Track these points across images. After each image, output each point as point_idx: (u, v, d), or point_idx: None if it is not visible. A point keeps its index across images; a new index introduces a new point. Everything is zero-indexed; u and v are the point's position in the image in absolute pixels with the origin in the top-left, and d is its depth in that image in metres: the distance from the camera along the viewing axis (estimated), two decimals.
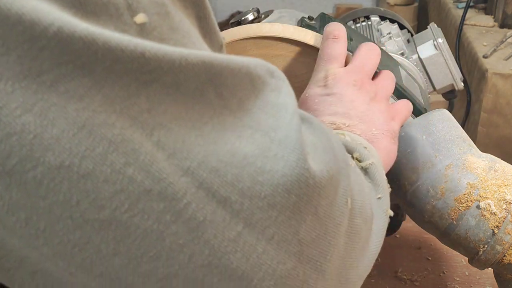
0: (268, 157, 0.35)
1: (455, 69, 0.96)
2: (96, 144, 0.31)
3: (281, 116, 0.37)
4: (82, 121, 0.30)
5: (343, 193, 0.40)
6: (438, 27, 1.00)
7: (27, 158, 0.30)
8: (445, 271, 0.95)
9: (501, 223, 0.70)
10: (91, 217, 0.31)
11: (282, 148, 0.36)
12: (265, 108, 0.37)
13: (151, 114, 0.32)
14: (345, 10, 2.43)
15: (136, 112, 0.32)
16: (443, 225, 0.74)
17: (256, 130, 0.36)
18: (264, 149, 0.35)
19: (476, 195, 0.71)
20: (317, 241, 0.38)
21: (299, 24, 0.81)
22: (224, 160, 0.34)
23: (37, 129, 0.30)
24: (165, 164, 0.32)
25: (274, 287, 0.35)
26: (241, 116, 0.36)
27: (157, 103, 0.32)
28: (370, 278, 0.93)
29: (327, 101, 0.63)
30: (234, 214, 0.34)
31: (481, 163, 0.74)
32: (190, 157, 0.33)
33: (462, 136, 0.77)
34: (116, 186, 0.31)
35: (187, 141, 0.33)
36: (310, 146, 0.39)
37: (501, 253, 0.71)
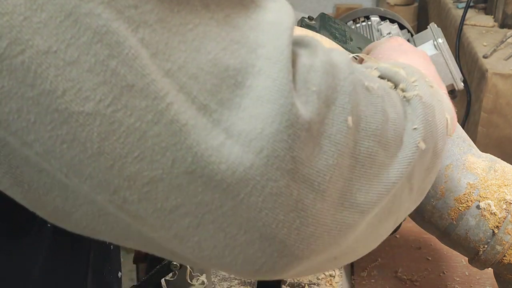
0: (251, 73, 0.35)
1: (455, 69, 0.97)
2: (82, 33, 0.31)
3: (272, 33, 0.36)
4: (69, 9, 0.31)
5: (340, 111, 0.38)
6: (438, 27, 1.00)
7: (16, 40, 0.31)
8: (445, 271, 0.95)
9: (501, 223, 0.70)
10: (76, 110, 0.32)
11: (267, 64, 0.35)
12: (257, 27, 0.36)
13: (137, 11, 0.32)
14: (345, 10, 2.43)
15: (123, 6, 0.32)
16: (443, 225, 0.74)
17: (242, 45, 0.35)
18: (248, 65, 0.35)
19: (476, 195, 0.71)
20: (312, 160, 0.36)
21: (299, 24, 0.81)
22: (205, 68, 0.34)
23: (27, 11, 0.31)
24: (148, 61, 0.32)
25: (263, 203, 0.34)
26: (228, 30, 0.35)
27: (144, 1, 0.32)
28: (370, 278, 0.94)
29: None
30: (215, 123, 0.34)
31: (481, 163, 0.74)
32: (171, 60, 0.33)
33: (462, 136, 0.77)
34: (100, 77, 0.32)
35: (169, 44, 0.33)
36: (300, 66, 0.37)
37: (501, 253, 0.71)
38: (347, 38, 0.82)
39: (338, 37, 0.80)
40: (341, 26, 0.86)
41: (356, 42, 0.83)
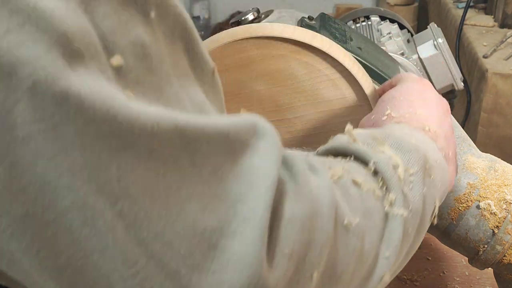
0: (226, 233, 0.35)
1: (455, 69, 0.97)
2: (59, 200, 0.31)
3: (255, 185, 0.36)
4: (47, 180, 0.31)
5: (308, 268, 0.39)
6: (438, 27, 1.00)
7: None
8: (445, 271, 0.95)
9: (501, 223, 0.70)
10: (49, 264, 0.32)
11: (242, 224, 0.35)
12: (241, 176, 0.36)
13: (119, 184, 0.32)
14: (345, 10, 2.43)
15: (105, 181, 0.31)
16: (443, 225, 0.74)
17: (223, 200, 0.35)
18: (225, 223, 0.35)
19: (476, 195, 0.71)
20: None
21: (299, 24, 0.81)
22: (182, 233, 0.34)
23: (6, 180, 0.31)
24: (122, 233, 0.32)
25: None
26: (211, 185, 0.35)
27: (128, 171, 0.32)
28: None
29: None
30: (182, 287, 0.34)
31: (481, 163, 0.74)
32: (148, 229, 0.33)
33: (462, 136, 0.77)
34: (74, 237, 0.32)
35: (149, 213, 0.33)
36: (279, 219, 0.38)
37: (501, 253, 0.71)
38: (347, 38, 0.82)
39: (338, 37, 0.80)
40: (341, 26, 0.86)
41: (356, 42, 0.83)
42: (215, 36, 0.74)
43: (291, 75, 0.74)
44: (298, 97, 0.75)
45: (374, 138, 0.51)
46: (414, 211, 0.49)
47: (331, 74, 0.73)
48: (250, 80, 0.75)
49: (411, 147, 0.51)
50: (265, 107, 0.76)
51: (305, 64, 0.73)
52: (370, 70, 0.77)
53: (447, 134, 0.60)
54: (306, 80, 0.74)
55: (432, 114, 0.60)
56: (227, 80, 0.75)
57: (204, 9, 2.63)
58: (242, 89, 0.75)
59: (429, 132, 0.58)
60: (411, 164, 0.50)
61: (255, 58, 0.73)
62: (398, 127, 0.56)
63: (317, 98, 0.75)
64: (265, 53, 0.73)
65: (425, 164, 0.52)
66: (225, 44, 0.72)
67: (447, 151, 0.59)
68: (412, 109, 0.60)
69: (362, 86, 0.73)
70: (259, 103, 0.76)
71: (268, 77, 0.74)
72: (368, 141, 0.51)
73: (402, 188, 0.48)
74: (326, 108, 0.75)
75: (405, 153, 0.51)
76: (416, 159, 0.51)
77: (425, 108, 0.60)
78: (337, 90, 0.74)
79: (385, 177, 0.48)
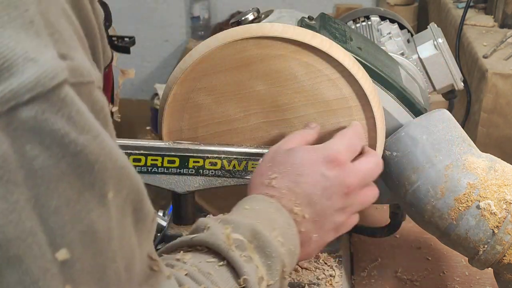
0: None
1: (455, 69, 0.96)
2: None
3: None
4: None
5: None
6: (438, 27, 1.00)
7: None
8: (445, 271, 0.95)
9: (501, 223, 0.70)
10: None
11: None
12: None
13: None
14: (345, 10, 2.43)
15: None
16: (443, 225, 0.74)
17: None
18: None
19: (476, 195, 0.71)
20: None
21: (299, 24, 0.81)
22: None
23: None
24: None
25: None
26: None
27: None
28: (370, 278, 0.94)
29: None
30: None
31: (481, 163, 0.73)
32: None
33: (462, 136, 0.77)
34: None
35: None
36: None
37: (501, 253, 0.71)
38: (347, 38, 0.82)
39: (338, 37, 0.80)
40: (341, 26, 0.86)
41: (356, 42, 0.82)
42: (215, 36, 0.74)
43: (291, 75, 0.74)
44: (298, 97, 0.75)
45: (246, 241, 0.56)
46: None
47: (331, 74, 0.73)
48: (250, 80, 0.75)
49: (274, 252, 0.57)
50: (265, 107, 0.76)
51: (305, 64, 0.73)
52: (370, 70, 0.77)
53: (320, 217, 0.64)
54: (306, 80, 0.74)
55: (310, 194, 0.64)
56: (227, 80, 0.75)
57: (204, 9, 2.63)
58: (242, 89, 0.75)
59: (297, 215, 0.62)
60: (271, 273, 0.56)
61: (255, 58, 0.73)
62: (269, 208, 0.61)
63: (317, 98, 0.75)
64: (265, 53, 0.73)
65: (283, 268, 0.58)
66: (225, 44, 0.72)
67: (310, 235, 0.64)
68: (294, 184, 0.64)
69: (362, 86, 0.73)
70: (259, 103, 0.76)
71: (268, 77, 0.74)
72: (240, 243, 0.55)
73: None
74: (326, 108, 0.75)
75: (268, 258, 0.57)
76: (277, 267, 0.57)
77: (306, 187, 0.64)
78: (337, 90, 0.74)
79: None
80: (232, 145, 0.75)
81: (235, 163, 0.74)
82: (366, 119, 0.75)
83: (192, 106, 0.76)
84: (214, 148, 0.74)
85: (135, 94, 2.86)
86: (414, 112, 0.79)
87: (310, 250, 0.66)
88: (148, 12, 2.74)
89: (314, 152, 0.66)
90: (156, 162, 0.74)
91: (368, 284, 0.92)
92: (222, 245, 0.54)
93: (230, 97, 0.76)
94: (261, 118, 0.76)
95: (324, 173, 0.64)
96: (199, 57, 0.73)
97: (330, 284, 0.84)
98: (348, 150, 0.67)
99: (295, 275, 0.86)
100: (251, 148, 0.74)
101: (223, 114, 0.76)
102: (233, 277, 0.53)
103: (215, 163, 0.74)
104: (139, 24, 2.76)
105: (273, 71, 0.74)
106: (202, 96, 0.76)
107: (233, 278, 0.53)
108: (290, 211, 0.62)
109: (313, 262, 0.88)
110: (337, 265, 0.87)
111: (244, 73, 0.74)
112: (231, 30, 0.73)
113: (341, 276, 0.86)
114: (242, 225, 0.57)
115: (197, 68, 0.74)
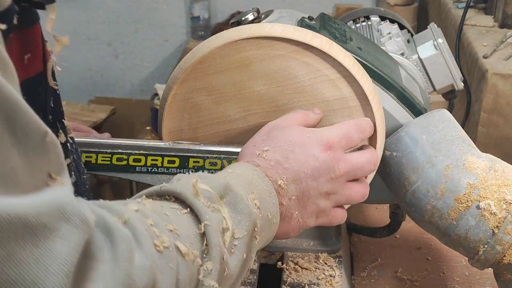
0: None
1: (455, 69, 0.96)
2: None
3: (53, 271, 0.36)
4: None
5: None
6: (438, 27, 1.00)
7: None
8: (445, 271, 0.95)
9: (501, 223, 0.70)
10: None
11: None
12: (40, 260, 0.36)
13: None
14: (345, 10, 2.43)
15: None
16: (443, 225, 0.74)
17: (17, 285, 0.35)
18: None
19: (476, 195, 0.71)
20: None
21: (299, 24, 0.81)
22: None
23: None
24: None
25: None
26: (7, 269, 0.35)
27: None
28: (370, 278, 0.94)
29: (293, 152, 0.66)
30: None
31: (481, 163, 0.73)
32: None
33: (462, 136, 0.77)
34: None
35: None
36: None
37: (501, 253, 0.71)
38: (347, 38, 0.82)
39: (338, 37, 0.80)
40: (341, 26, 0.86)
41: (356, 42, 0.82)
42: (215, 36, 0.74)
43: (291, 75, 0.74)
44: (298, 97, 0.75)
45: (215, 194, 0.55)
46: (229, 276, 0.54)
47: (331, 74, 0.73)
48: (250, 80, 0.75)
49: (245, 209, 0.56)
50: (265, 107, 0.76)
51: (305, 64, 0.73)
52: (370, 70, 0.77)
53: (303, 195, 0.65)
54: (306, 80, 0.74)
55: (297, 171, 0.64)
56: (227, 80, 0.75)
57: (204, 9, 2.63)
58: (242, 89, 0.75)
59: (280, 188, 0.63)
60: (240, 227, 0.55)
61: (255, 58, 0.73)
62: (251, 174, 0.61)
63: (317, 98, 0.75)
64: (265, 53, 0.73)
65: (254, 227, 0.57)
66: (225, 44, 0.72)
67: (292, 211, 0.64)
68: (284, 159, 0.65)
69: (362, 86, 0.73)
70: (259, 103, 0.76)
71: (268, 77, 0.74)
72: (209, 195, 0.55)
73: (223, 256, 0.52)
74: (326, 108, 0.75)
75: (238, 213, 0.56)
76: (246, 223, 0.56)
77: (294, 163, 0.65)
78: (337, 90, 0.74)
79: (210, 244, 0.51)
80: (232, 145, 0.75)
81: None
82: None
83: (192, 106, 0.76)
84: (214, 148, 0.74)
85: (135, 94, 2.87)
86: (414, 112, 0.79)
87: (290, 228, 0.65)
88: (148, 12, 2.74)
89: (309, 133, 0.67)
90: (156, 162, 0.74)
91: (368, 284, 0.92)
92: (187, 193, 0.53)
93: (230, 97, 0.76)
94: (261, 118, 0.76)
95: (314, 154, 0.66)
96: (199, 57, 0.73)
97: (330, 284, 0.84)
98: (344, 138, 0.68)
99: (295, 275, 0.86)
100: None
101: (223, 114, 0.76)
102: (194, 223, 0.52)
103: (215, 163, 0.74)
104: (139, 24, 2.76)
105: (273, 71, 0.74)
106: (202, 96, 0.76)
107: (194, 223, 0.52)
108: (274, 182, 0.63)
109: (313, 262, 0.88)
110: (337, 265, 0.88)
111: (244, 73, 0.74)
112: (231, 30, 0.73)
113: (341, 276, 0.86)
114: (216, 180, 0.57)
115: (197, 68, 0.74)
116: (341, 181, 0.67)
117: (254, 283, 0.84)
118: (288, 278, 0.85)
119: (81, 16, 2.74)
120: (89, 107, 2.52)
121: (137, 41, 2.80)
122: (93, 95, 2.84)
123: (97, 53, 2.83)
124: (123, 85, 2.89)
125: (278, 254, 0.91)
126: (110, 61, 2.85)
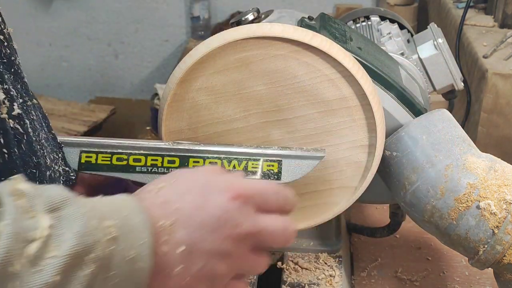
0: None
1: (455, 69, 0.96)
2: None
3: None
4: None
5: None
6: (438, 27, 1.00)
7: None
8: (445, 271, 0.95)
9: (501, 223, 0.70)
10: None
11: None
12: None
13: None
14: (345, 10, 2.43)
15: None
16: (443, 225, 0.74)
17: None
18: None
19: (476, 195, 0.71)
20: None
21: (299, 24, 0.81)
22: None
23: None
24: None
25: None
26: None
27: None
28: (370, 278, 0.94)
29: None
30: None
31: (481, 163, 0.74)
32: None
33: (462, 136, 0.77)
34: None
35: None
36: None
37: (501, 253, 0.71)
38: (347, 38, 0.82)
39: (338, 37, 0.80)
40: (341, 26, 0.86)
41: (356, 42, 0.83)
42: (215, 36, 0.74)
43: (291, 75, 0.74)
44: (298, 97, 0.75)
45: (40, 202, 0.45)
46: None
47: (331, 74, 0.73)
48: (250, 80, 0.75)
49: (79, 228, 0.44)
50: (265, 107, 0.76)
51: (305, 64, 0.73)
52: (370, 70, 0.77)
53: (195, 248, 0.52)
54: (306, 80, 0.74)
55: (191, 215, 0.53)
56: (227, 80, 0.75)
57: (204, 9, 2.63)
58: (242, 89, 0.75)
59: (162, 229, 0.51)
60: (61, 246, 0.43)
61: (255, 58, 0.73)
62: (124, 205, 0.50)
63: (317, 98, 0.75)
64: (265, 53, 0.73)
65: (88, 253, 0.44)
66: (225, 44, 0.72)
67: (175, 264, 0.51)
68: (177, 198, 0.53)
69: (362, 86, 0.73)
70: (259, 103, 0.76)
71: (268, 77, 0.74)
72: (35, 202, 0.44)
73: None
74: (326, 108, 0.75)
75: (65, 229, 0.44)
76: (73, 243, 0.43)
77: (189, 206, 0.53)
78: (337, 90, 0.74)
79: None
80: (232, 145, 0.75)
81: (235, 163, 0.74)
82: (366, 119, 0.75)
83: (192, 106, 0.76)
84: (214, 148, 0.74)
85: (135, 94, 2.87)
86: (414, 112, 0.79)
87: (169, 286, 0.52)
88: (148, 12, 2.74)
89: (220, 177, 0.57)
90: (156, 162, 0.74)
91: (368, 284, 0.92)
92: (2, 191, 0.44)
93: (230, 97, 0.76)
94: (261, 118, 0.76)
95: (217, 200, 0.54)
96: (199, 57, 0.73)
97: (330, 284, 0.84)
98: (258, 195, 0.56)
99: (295, 275, 0.86)
100: (251, 148, 0.74)
101: (223, 114, 0.77)
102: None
103: (215, 163, 0.74)
104: (139, 24, 2.76)
105: (273, 71, 0.74)
106: (202, 96, 0.76)
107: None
108: (154, 220, 0.51)
109: (313, 262, 0.88)
110: (337, 265, 0.88)
111: (244, 73, 0.74)
112: (231, 30, 0.73)
113: (341, 276, 0.86)
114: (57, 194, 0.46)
115: (197, 68, 0.74)
116: (243, 245, 0.55)
117: (254, 283, 0.84)
118: (288, 278, 0.85)
119: (81, 16, 2.74)
120: (89, 107, 2.52)
121: (137, 41, 2.80)
122: (93, 95, 2.84)
123: (97, 53, 2.83)
124: (123, 85, 2.89)
125: (278, 254, 0.91)
126: (110, 61, 2.85)
